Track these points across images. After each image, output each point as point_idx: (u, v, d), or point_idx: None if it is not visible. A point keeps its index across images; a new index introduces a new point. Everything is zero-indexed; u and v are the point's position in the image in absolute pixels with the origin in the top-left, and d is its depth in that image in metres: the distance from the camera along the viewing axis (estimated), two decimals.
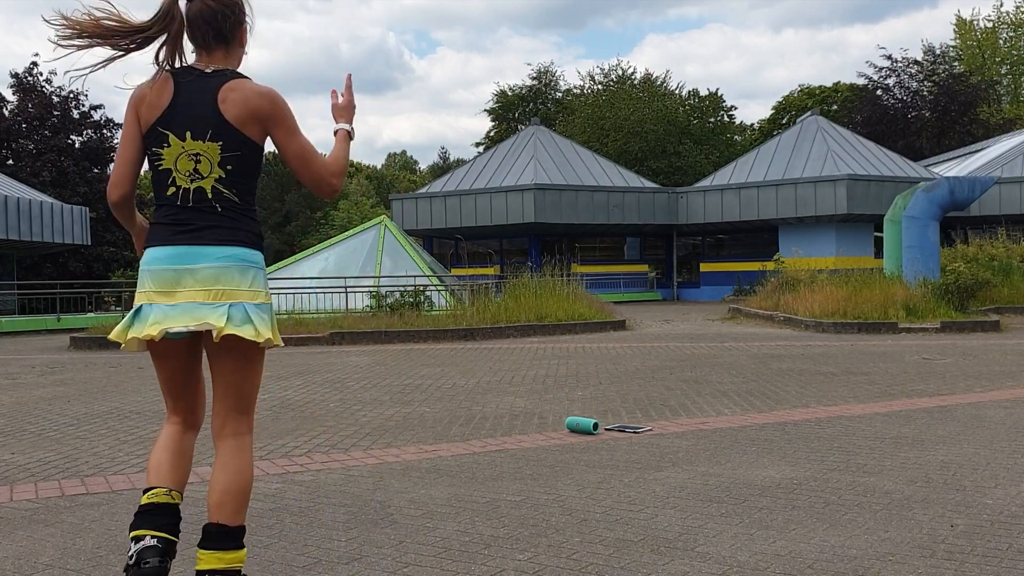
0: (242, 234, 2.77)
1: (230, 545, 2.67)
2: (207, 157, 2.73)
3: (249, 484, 2.78)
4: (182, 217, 2.75)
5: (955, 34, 53.72)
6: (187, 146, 2.73)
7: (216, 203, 2.75)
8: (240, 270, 2.73)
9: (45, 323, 21.46)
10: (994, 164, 31.60)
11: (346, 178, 28.23)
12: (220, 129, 2.72)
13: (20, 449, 5.55)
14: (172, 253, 2.73)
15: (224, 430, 2.80)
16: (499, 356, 11.30)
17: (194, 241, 2.73)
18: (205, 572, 2.65)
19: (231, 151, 2.74)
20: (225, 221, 2.76)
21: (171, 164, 2.75)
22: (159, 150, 2.76)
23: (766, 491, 4.17)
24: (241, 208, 2.79)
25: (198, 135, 2.72)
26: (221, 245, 2.73)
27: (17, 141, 33.37)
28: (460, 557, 3.28)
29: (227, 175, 2.75)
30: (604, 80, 50.90)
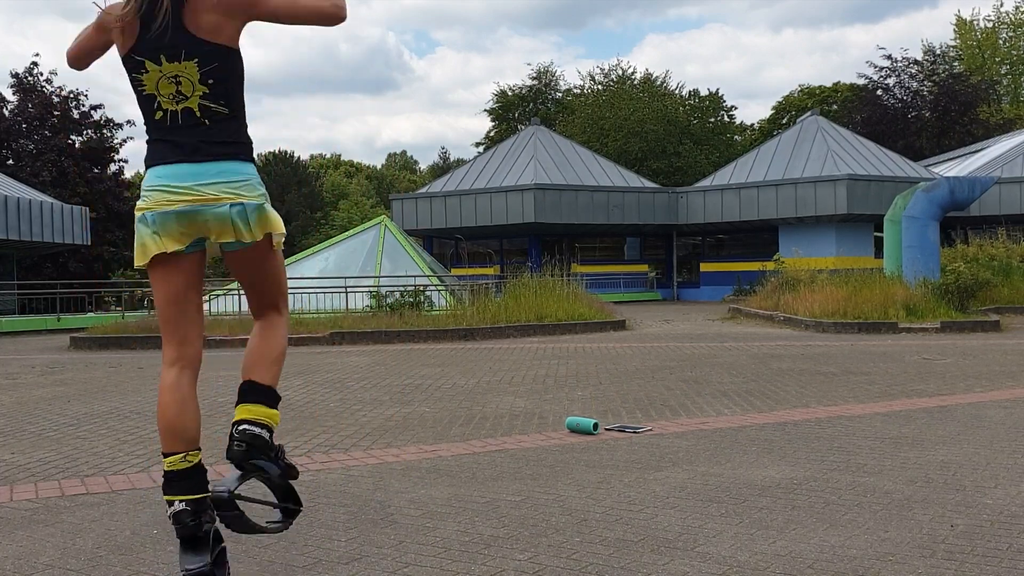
0: (235, 147, 2.85)
1: (260, 399, 2.87)
2: (186, 77, 2.76)
3: (282, 351, 3.00)
4: (173, 137, 2.82)
5: (955, 34, 53.72)
6: (164, 69, 2.77)
7: (205, 118, 2.80)
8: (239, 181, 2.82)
9: (45, 323, 21.46)
10: (994, 164, 31.60)
11: (348, 178, 28.00)
12: (192, 46, 2.74)
13: (20, 449, 5.55)
14: (169, 172, 2.80)
15: (262, 316, 3.03)
16: (499, 356, 11.30)
17: (189, 159, 2.79)
18: (236, 422, 2.85)
19: (209, 64, 2.76)
20: (215, 135, 2.81)
21: (153, 89, 2.80)
22: (139, 76, 2.81)
23: (766, 491, 4.17)
24: (230, 117, 2.84)
25: (172, 57, 2.75)
26: (216, 160, 2.80)
27: (17, 141, 33.37)
28: (460, 557, 3.29)
29: (211, 89, 2.79)
30: (604, 80, 50.92)
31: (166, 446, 2.90)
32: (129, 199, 35.04)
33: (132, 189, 38.06)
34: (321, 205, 62.10)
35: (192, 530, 2.79)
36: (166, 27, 2.74)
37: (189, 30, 2.73)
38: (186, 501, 2.82)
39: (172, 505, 2.83)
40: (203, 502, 2.84)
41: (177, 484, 2.85)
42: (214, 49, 2.75)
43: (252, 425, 2.82)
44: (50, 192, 30.03)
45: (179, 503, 2.82)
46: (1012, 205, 29.90)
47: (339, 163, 79.92)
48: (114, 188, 34.35)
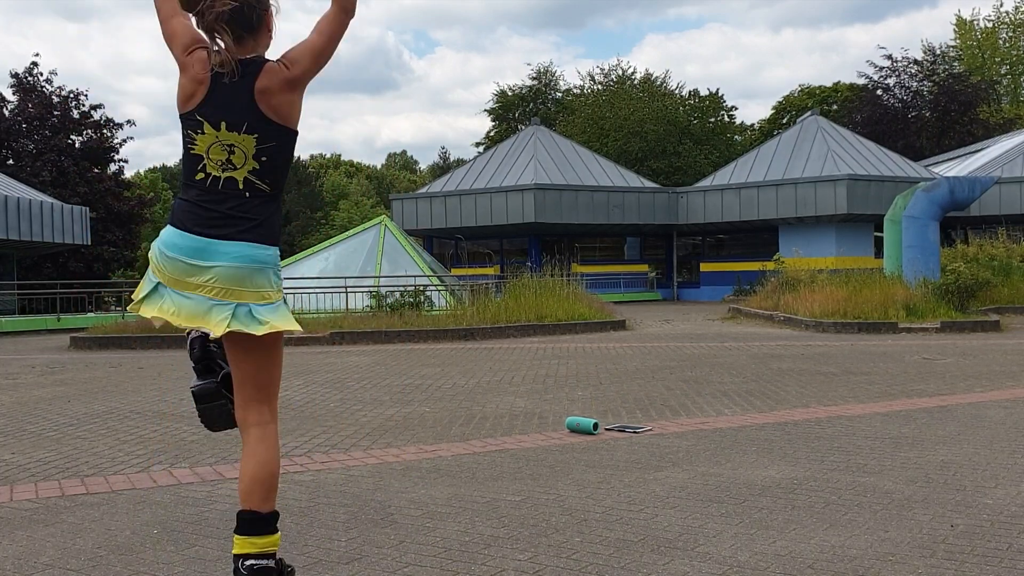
0: (262, 229, 2.78)
1: (262, 530, 2.80)
2: (242, 149, 2.74)
3: (275, 472, 2.87)
4: (206, 202, 2.75)
5: (955, 34, 53.72)
6: (221, 136, 2.74)
7: (246, 191, 2.77)
8: (251, 272, 2.75)
9: (45, 323, 21.46)
10: (994, 164, 31.60)
11: (348, 178, 28.21)
12: (256, 122, 2.73)
13: (20, 449, 5.55)
14: (190, 244, 2.74)
15: (247, 420, 2.88)
16: (499, 356, 11.30)
17: (214, 234, 2.73)
18: (240, 556, 2.77)
19: (267, 143, 2.76)
20: (250, 212, 2.76)
21: (203, 151, 2.76)
22: (193, 134, 2.77)
23: (766, 491, 4.17)
24: (270, 198, 2.82)
25: (233, 127, 2.73)
26: (239, 241, 2.74)
27: (17, 141, 33.37)
28: (460, 557, 3.28)
29: (261, 166, 2.77)
30: (604, 80, 50.91)
31: None
32: (129, 199, 35.07)
33: (132, 189, 38.09)
34: (321, 205, 62.10)
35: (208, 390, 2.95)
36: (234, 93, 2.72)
37: (259, 106, 2.72)
38: None
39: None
40: None
41: None
42: (276, 129, 2.75)
43: (258, 559, 2.77)
44: (50, 192, 30.03)
45: None
46: (1012, 205, 29.90)
47: (339, 163, 79.91)
48: (114, 188, 34.36)
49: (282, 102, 2.75)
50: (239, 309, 2.72)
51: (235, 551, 2.79)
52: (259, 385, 2.87)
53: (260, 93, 2.72)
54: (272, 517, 2.83)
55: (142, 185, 50.70)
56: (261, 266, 2.77)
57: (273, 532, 2.82)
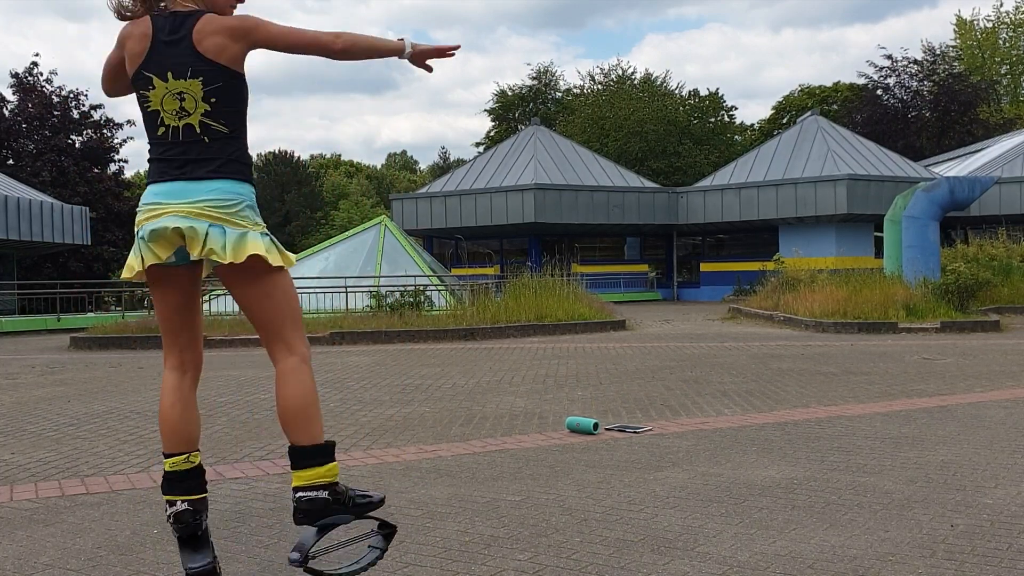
0: (232, 165, 2.88)
1: (310, 463, 2.82)
2: (190, 94, 2.83)
3: (306, 402, 2.87)
4: (171, 153, 2.87)
5: (955, 34, 53.73)
6: (170, 86, 2.84)
7: (204, 135, 2.85)
8: (228, 202, 2.83)
9: (45, 323, 21.46)
10: (994, 164, 31.60)
11: (348, 178, 28.16)
12: (198, 65, 2.82)
13: (20, 449, 5.55)
14: (165, 189, 2.85)
15: (273, 357, 2.93)
16: (499, 356, 11.30)
17: (183, 176, 2.84)
18: (294, 489, 2.82)
19: (212, 84, 2.84)
20: (214, 152, 2.86)
21: (158, 105, 2.86)
22: (146, 92, 2.88)
23: (766, 491, 4.17)
24: (230, 137, 2.89)
25: (179, 74, 2.83)
26: (209, 179, 2.84)
27: (17, 141, 33.38)
28: (460, 557, 3.28)
29: (212, 108, 2.86)
30: (604, 80, 50.91)
31: (168, 447, 2.95)
32: (129, 199, 35.06)
33: (132, 189, 38.08)
34: (321, 205, 62.10)
35: (193, 529, 2.86)
36: (174, 44, 2.83)
37: (197, 50, 2.82)
38: (188, 501, 2.87)
39: (174, 505, 2.87)
40: (203, 502, 2.91)
41: (179, 484, 2.90)
42: (218, 69, 2.83)
43: (306, 491, 2.80)
44: (50, 192, 30.04)
45: (181, 503, 2.87)
46: (1012, 205, 29.90)
47: (339, 163, 79.93)
48: (114, 188, 34.37)
49: (215, 43, 2.83)
50: (212, 229, 2.79)
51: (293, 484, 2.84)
52: (265, 323, 2.91)
53: (197, 35, 2.82)
54: (313, 450, 2.83)
55: (142, 185, 50.65)
56: (238, 197, 2.85)
57: (325, 462, 2.82)
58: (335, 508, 2.83)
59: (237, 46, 2.85)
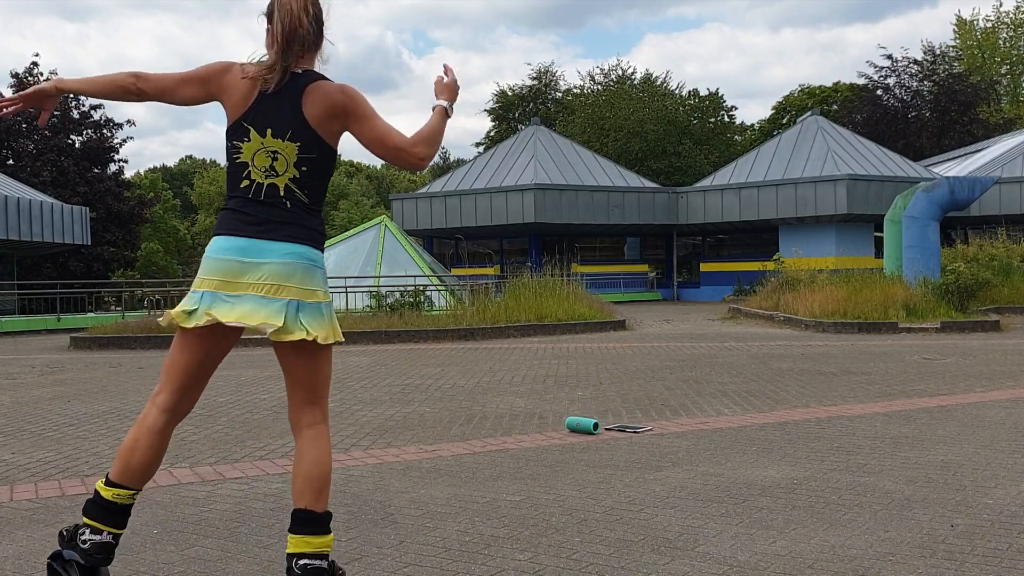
0: (308, 232, 2.84)
1: (317, 530, 2.79)
2: (284, 156, 2.81)
3: (328, 471, 2.88)
4: (252, 210, 2.82)
5: (955, 34, 53.73)
6: (266, 143, 2.81)
7: (287, 200, 2.83)
8: (303, 269, 2.80)
9: (45, 323, 21.46)
10: (994, 164, 31.60)
11: (348, 178, 28.16)
12: (300, 130, 2.81)
13: (20, 449, 5.55)
14: (240, 245, 2.80)
15: (300, 422, 2.90)
16: (499, 356, 11.30)
17: (262, 235, 2.79)
18: (294, 555, 2.77)
19: (308, 153, 2.82)
20: (293, 219, 2.83)
21: (248, 158, 2.83)
22: (239, 143, 2.84)
23: (766, 491, 4.17)
24: (309, 208, 2.87)
25: (278, 134, 2.81)
26: (287, 242, 2.80)
27: (17, 141, 33.37)
28: (460, 557, 3.29)
29: (301, 175, 2.83)
30: (604, 80, 50.91)
31: (120, 478, 2.85)
32: (129, 199, 35.07)
33: (132, 189, 38.08)
34: None
35: (100, 562, 2.82)
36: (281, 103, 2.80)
37: (303, 114, 2.80)
38: (114, 535, 2.83)
39: (96, 533, 2.81)
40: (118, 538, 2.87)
41: (113, 517, 2.84)
42: (317, 141, 2.82)
43: (312, 559, 2.76)
44: (50, 192, 30.04)
45: (107, 534, 2.82)
46: (1012, 205, 29.90)
47: (339, 163, 79.92)
48: (114, 188, 34.37)
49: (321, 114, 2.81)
50: (290, 307, 2.75)
51: (289, 550, 2.79)
52: (310, 387, 2.89)
53: (306, 102, 2.80)
54: (326, 517, 2.83)
55: (142, 185, 50.69)
56: (310, 263, 2.82)
57: (327, 532, 2.82)
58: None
59: (337, 123, 2.84)
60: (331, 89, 2.83)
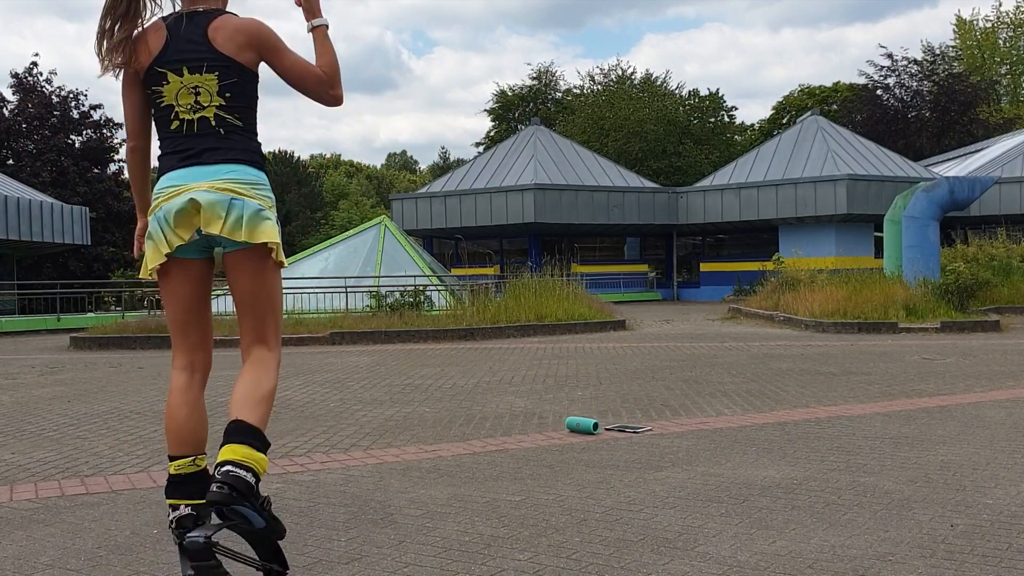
0: (247, 154, 2.91)
1: (245, 440, 2.72)
2: (206, 88, 2.87)
3: (267, 392, 2.86)
4: (186, 144, 2.89)
5: (955, 34, 53.73)
6: (185, 80, 2.87)
7: (220, 128, 2.89)
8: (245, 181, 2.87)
9: (45, 323, 21.46)
10: (994, 164, 31.60)
11: (348, 178, 28.13)
12: (215, 60, 2.86)
13: (20, 449, 5.55)
14: (179, 173, 2.86)
15: (249, 349, 2.95)
16: (499, 356, 11.30)
17: (198, 162, 2.86)
18: (220, 463, 2.70)
19: (228, 79, 2.88)
20: (228, 143, 2.89)
21: (172, 100, 2.89)
22: (159, 88, 2.90)
23: (766, 491, 4.17)
24: (243, 130, 2.93)
25: (194, 69, 2.86)
26: (225, 163, 2.86)
27: (17, 141, 33.37)
28: (460, 557, 3.28)
29: (227, 102, 2.89)
30: (604, 80, 50.91)
31: (174, 449, 2.90)
32: (129, 199, 35.04)
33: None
34: (321, 205, 62.10)
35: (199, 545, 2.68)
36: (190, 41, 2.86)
37: (213, 46, 2.86)
38: (191, 506, 2.83)
39: (176, 509, 2.82)
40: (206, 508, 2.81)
41: (183, 488, 2.86)
42: (234, 65, 2.88)
43: (236, 467, 2.64)
44: (50, 192, 30.03)
45: (184, 507, 2.83)
46: (1012, 205, 29.90)
47: (339, 163, 79.93)
48: (114, 188, 34.37)
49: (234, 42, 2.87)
50: (234, 202, 2.80)
51: (218, 460, 2.71)
52: (258, 314, 2.93)
53: (214, 34, 2.86)
54: (258, 433, 2.76)
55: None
56: (255, 179, 2.89)
57: (259, 449, 2.74)
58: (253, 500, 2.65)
59: (252, 53, 2.90)
60: (240, 21, 2.90)
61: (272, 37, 2.92)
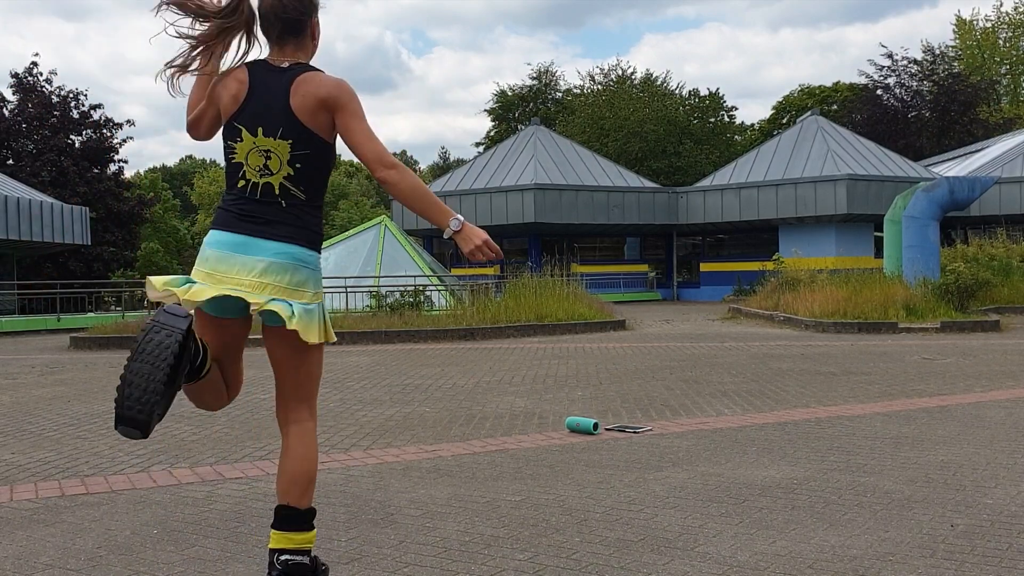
0: (303, 232, 2.80)
1: (299, 527, 2.82)
2: (277, 154, 2.78)
3: (313, 469, 2.89)
4: (247, 208, 2.79)
5: (955, 34, 53.74)
6: (258, 142, 2.78)
7: (282, 199, 2.79)
8: (292, 269, 2.76)
9: (45, 323, 21.46)
10: (994, 164, 31.60)
11: (348, 178, 28.19)
12: (290, 126, 2.76)
13: (20, 449, 5.55)
14: (231, 240, 2.77)
15: (287, 418, 2.90)
16: (499, 356, 11.30)
17: (255, 233, 2.76)
18: (276, 551, 2.79)
19: (300, 149, 2.78)
20: (288, 218, 2.79)
21: (242, 159, 2.80)
22: (232, 144, 2.82)
23: (766, 491, 4.17)
24: (306, 205, 2.82)
25: (269, 132, 2.77)
26: (279, 241, 2.76)
27: (17, 141, 33.37)
28: (460, 557, 3.28)
29: (295, 173, 2.79)
30: (604, 80, 50.91)
31: None
32: (129, 199, 35.07)
33: (132, 189, 38.07)
34: None
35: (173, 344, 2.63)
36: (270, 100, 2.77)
37: (291, 110, 2.76)
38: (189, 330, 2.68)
39: None
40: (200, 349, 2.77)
41: None
42: (309, 136, 2.77)
43: (294, 555, 2.78)
44: (50, 192, 30.03)
45: None
46: (1012, 205, 29.91)
47: (339, 163, 79.97)
48: (114, 188, 34.36)
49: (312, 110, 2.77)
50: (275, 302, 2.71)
51: (271, 545, 2.80)
52: (296, 384, 2.88)
53: (295, 97, 2.76)
54: (309, 514, 2.85)
55: (141, 185, 50.70)
56: (303, 264, 2.78)
57: (309, 529, 2.84)
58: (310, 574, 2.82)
59: (325, 114, 2.78)
60: (323, 79, 2.80)
61: (348, 99, 2.78)
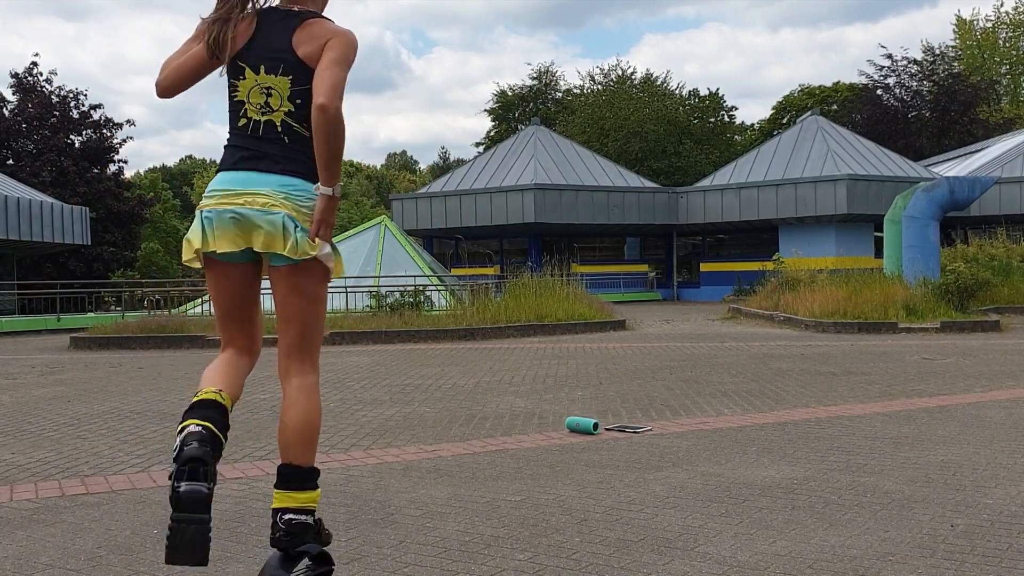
0: (303, 166, 2.84)
1: (302, 485, 2.79)
2: (277, 91, 2.83)
3: (316, 424, 2.86)
4: (249, 144, 2.85)
5: (955, 34, 53.74)
6: (260, 79, 2.84)
7: (285, 135, 2.84)
8: (298, 195, 2.80)
9: (45, 323, 21.46)
10: (994, 164, 31.59)
11: (348, 178, 28.15)
12: (290, 62, 2.82)
13: (20, 449, 5.55)
14: (239, 177, 2.82)
15: (289, 371, 2.88)
16: (499, 356, 11.30)
17: (256, 168, 2.82)
18: (279, 510, 2.76)
19: (301, 85, 2.82)
20: (291, 153, 2.83)
21: (244, 96, 2.86)
22: (236, 82, 2.88)
23: (766, 491, 4.17)
24: (308, 140, 2.84)
25: (271, 69, 2.83)
26: (281, 174, 2.81)
27: (17, 141, 33.37)
28: (460, 557, 3.28)
29: (296, 109, 2.84)
30: (604, 80, 50.90)
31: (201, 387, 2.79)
32: (129, 199, 35.06)
33: (132, 189, 38.07)
34: None
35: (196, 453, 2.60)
36: (274, 40, 2.83)
37: (293, 49, 2.81)
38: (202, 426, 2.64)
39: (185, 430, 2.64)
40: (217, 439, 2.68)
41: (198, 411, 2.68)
42: (308, 72, 2.81)
43: (297, 514, 2.76)
44: (50, 192, 30.03)
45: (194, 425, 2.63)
46: (1012, 205, 29.90)
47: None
48: (114, 188, 34.36)
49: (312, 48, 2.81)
50: (287, 221, 2.74)
51: (274, 505, 2.77)
52: (302, 331, 2.87)
53: (298, 38, 2.82)
54: (312, 472, 2.82)
55: (142, 185, 50.68)
56: (307, 194, 2.81)
57: (313, 488, 2.81)
58: (313, 536, 2.79)
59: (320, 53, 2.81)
60: (332, 25, 2.85)
61: (341, 41, 2.79)
